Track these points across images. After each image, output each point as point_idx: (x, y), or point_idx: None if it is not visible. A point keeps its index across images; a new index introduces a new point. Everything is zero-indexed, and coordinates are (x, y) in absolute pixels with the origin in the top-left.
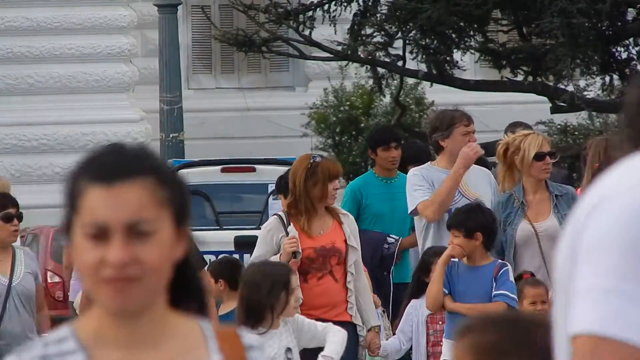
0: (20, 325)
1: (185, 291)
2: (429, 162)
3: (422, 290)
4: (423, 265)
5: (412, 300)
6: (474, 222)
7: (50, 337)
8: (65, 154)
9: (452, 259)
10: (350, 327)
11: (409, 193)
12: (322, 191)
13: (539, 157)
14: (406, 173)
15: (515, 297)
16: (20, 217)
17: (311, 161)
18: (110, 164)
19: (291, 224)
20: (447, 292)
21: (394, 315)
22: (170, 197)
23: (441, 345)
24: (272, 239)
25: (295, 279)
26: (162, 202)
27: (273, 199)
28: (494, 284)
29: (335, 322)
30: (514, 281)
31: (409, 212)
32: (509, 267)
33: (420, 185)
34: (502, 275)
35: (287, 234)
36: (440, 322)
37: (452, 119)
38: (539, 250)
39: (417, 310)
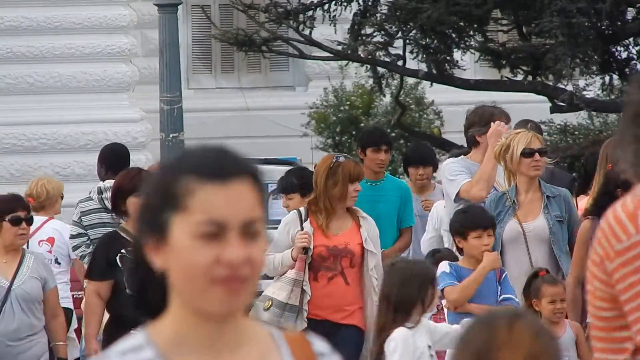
0: (15, 326)
1: None
2: (462, 157)
3: None
4: None
5: None
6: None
7: (126, 346)
8: (65, 154)
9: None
10: (357, 331)
11: (448, 180)
12: (341, 191)
13: (528, 153)
14: (409, 175)
15: (518, 299)
16: (29, 221)
17: (333, 161)
18: (220, 162)
19: (308, 219)
20: None
21: None
22: (264, 197)
23: None
24: (289, 232)
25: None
26: (261, 202)
27: (273, 199)
28: (499, 288)
29: (342, 325)
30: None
31: (452, 197)
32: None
33: (461, 171)
34: (505, 279)
35: (303, 229)
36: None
37: (491, 115)
38: (526, 250)
39: None
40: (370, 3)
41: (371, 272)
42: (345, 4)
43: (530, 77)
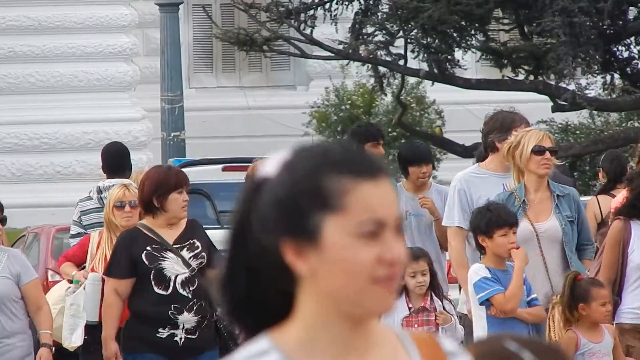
0: None
1: None
2: (477, 165)
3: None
4: None
5: None
6: None
7: (250, 351)
8: (66, 153)
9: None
10: None
11: (448, 203)
12: None
13: (538, 151)
14: (407, 174)
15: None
16: (4, 221)
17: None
18: (366, 160)
19: None
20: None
21: None
22: None
23: None
24: None
25: None
26: None
27: None
28: (524, 288)
29: None
30: None
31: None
32: None
33: (459, 207)
34: (526, 278)
35: None
36: (415, 325)
37: (512, 121)
38: (539, 251)
39: (393, 312)
40: (371, 2)
41: None
42: (346, 3)
43: (531, 77)
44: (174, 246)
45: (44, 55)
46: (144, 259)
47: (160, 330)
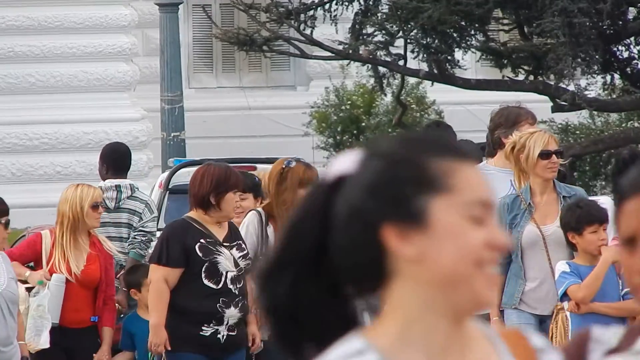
0: (6, 331)
1: None
2: (485, 161)
3: None
4: None
5: None
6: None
7: (344, 351)
8: (66, 153)
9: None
10: None
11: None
12: (291, 197)
13: (545, 155)
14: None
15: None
16: (7, 225)
17: (283, 166)
18: (457, 145)
19: (270, 224)
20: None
21: None
22: None
23: None
24: (254, 233)
25: None
26: None
27: None
28: (620, 281)
29: None
30: None
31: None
32: None
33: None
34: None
35: (266, 232)
36: None
37: (517, 116)
38: (546, 254)
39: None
40: (371, 2)
41: None
42: (346, 3)
43: (531, 77)
44: (224, 244)
45: (43, 55)
46: (198, 251)
47: (204, 327)
